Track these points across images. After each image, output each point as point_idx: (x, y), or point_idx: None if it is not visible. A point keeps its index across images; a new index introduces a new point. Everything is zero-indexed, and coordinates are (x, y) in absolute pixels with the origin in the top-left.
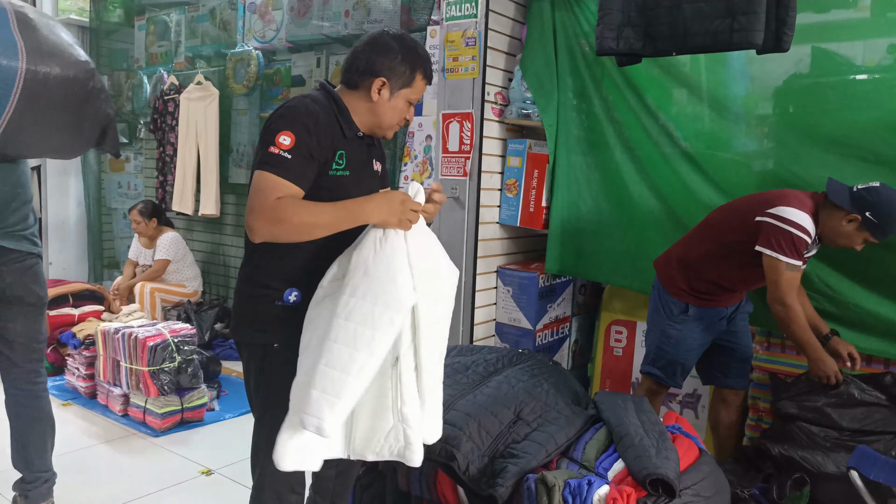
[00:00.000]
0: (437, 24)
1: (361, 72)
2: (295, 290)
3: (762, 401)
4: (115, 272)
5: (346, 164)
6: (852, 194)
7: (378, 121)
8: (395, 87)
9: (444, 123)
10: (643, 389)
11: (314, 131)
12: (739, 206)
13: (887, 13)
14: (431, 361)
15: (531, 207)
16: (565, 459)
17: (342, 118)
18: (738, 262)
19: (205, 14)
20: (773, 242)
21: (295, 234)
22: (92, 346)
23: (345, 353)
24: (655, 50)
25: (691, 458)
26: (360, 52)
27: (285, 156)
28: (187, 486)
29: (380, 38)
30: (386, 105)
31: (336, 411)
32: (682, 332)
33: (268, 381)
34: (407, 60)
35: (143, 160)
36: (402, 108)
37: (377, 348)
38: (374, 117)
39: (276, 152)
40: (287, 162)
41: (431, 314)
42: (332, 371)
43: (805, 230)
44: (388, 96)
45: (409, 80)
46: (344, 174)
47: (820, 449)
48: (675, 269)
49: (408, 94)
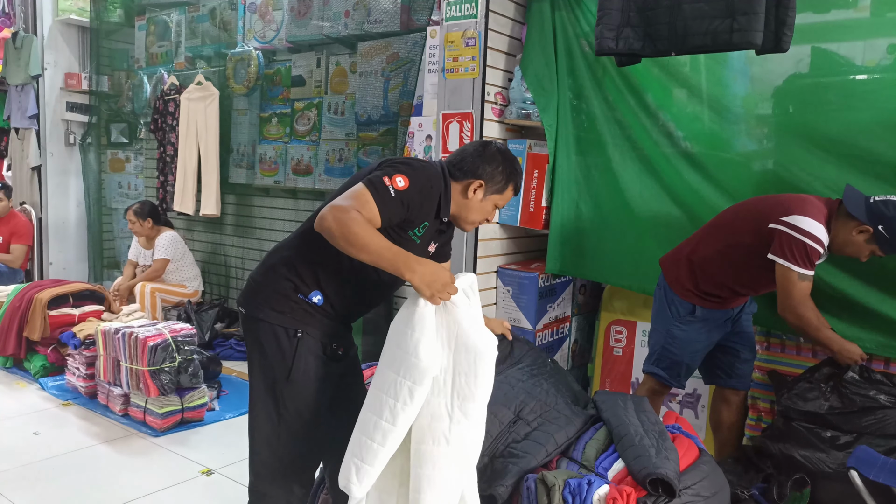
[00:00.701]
0: (437, 24)
1: (466, 171)
2: (320, 294)
3: (762, 401)
4: (115, 272)
5: (422, 238)
6: (868, 205)
7: (465, 215)
8: (489, 192)
9: (444, 123)
10: (645, 389)
11: (424, 196)
12: (752, 208)
13: (887, 13)
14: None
15: (531, 207)
16: (565, 459)
17: (444, 202)
18: (747, 265)
19: (205, 14)
20: (787, 252)
21: (345, 240)
22: (92, 345)
23: (371, 420)
24: (655, 50)
25: (691, 458)
26: (469, 155)
27: (391, 191)
28: (187, 486)
29: (490, 147)
30: (477, 204)
31: (363, 475)
32: (688, 333)
33: (291, 366)
34: (505, 172)
35: (143, 160)
36: (489, 209)
37: (399, 418)
38: (462, 211)
39: (386, 184)
40: (388, 197)
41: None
42: (360, 436)
43: (819, 241)
44: (480, 197)
45: (502, 189)
46: (414, 240)
47: (821, 448)
48: (683, 269)
49: (496, 200)
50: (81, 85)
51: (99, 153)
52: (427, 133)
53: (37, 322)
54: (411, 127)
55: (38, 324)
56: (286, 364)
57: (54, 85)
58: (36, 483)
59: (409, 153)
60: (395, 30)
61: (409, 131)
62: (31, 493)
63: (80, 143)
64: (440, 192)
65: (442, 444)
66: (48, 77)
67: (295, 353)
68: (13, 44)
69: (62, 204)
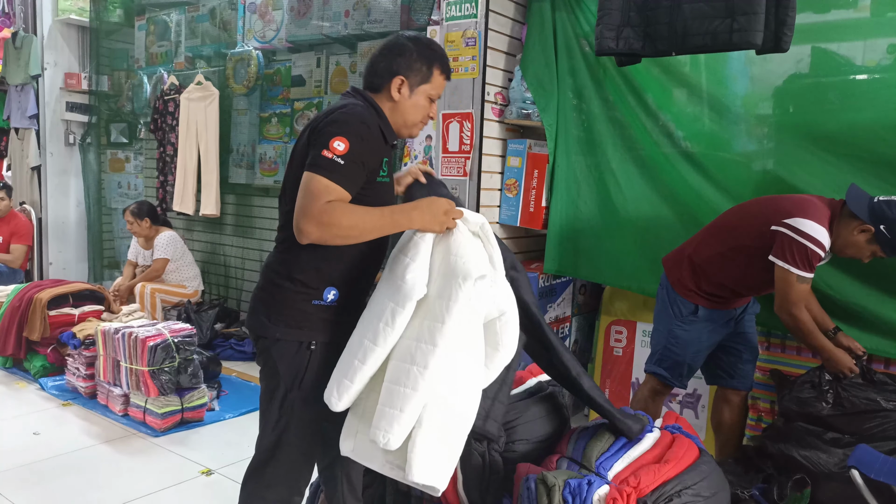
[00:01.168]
0: (437, 24)
1: (381, 74)
2: (333, 289)
3: (762, 401)
4: (115, 272)
5: (389, 171)
6: (871, 205)
7: (402, 119)
8: (414, 84)
9: (444, 123)
10: (647, 389)
11: (367, 139)
12: (754, 210)
13: (887, 13)
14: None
15: (531, 207)
16: (565, 459)
17: (383, 125)
18: (749, 266)
19: (205, 14)
20: (787, 254)
21: (342, 237)
22: (92, 346)
23: (357, 339)
24: (655, 50)
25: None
26: (378, 57)
27: (338, 161)
28: (187, 486)
29: (395, 40)
30: (407, 103)
31: (342, 390)
32: (691, 333)
33: (303, 377)
34: (423, 57)
35: (143, 160)
36: (424, 104)
37: (379, 338)
38: (398, 117)
39: (329, 157)
40: (340, 167)
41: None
42: (346, 355)
43: (820, 244)
44: (408, 93)
45: (428, 76)
46: (385, 181)
47: (821, 449)
48: (685, 269)
49: (427, 91)
50: (81, 85)
51: (99, 153)
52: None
53: (37, 322)
54: None
55: (37, 324)
56: (299, 376)
57: (54, 85)
58: (36, 483)
59: (409, 153)
60: (395, 29)
61: None
62: (31, 493)
63: (80, 143)
64: (376, 122)
65: (407, 361)
66: (48, 77)
67: (307, 366)
68: (13, 44)
69: (62, 204)
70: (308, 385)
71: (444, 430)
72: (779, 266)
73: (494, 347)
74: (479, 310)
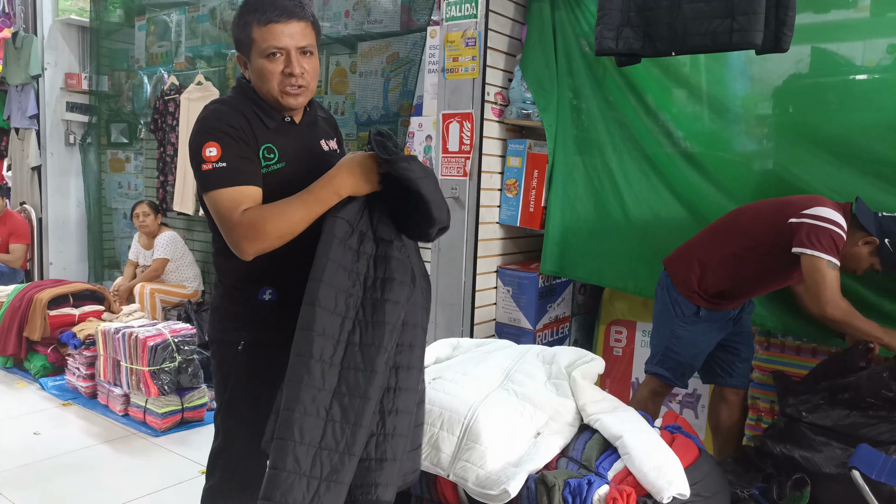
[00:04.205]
0: (437, 24)
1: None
2: (268, 288)
3: (762, 401)
4: (116, 272)
5: (280, 157)
6: (877, 219)
7: (264, 92)
8: (250, 53)
9: (444, 123)
10: (647, 390)
11: (234, 133)
12: (767, 209)
13: (887, 13)
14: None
15: (531, 207)
16: (565, 459)
17: (260, 110)
18: (763, 266)
19: (205, 14)
20: (814, 241)
21: (281, 238)
22: (92, 346)
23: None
24: (655, 50)
25: (691, 458)
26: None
27: (220, 166)
28: (187, 486)
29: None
30: (254, 73)
31: None
32: (694, 334)
33: (234, 378)
34: (240, 23)
35: (143, 160)
36: (267, 67)
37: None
38: (262, 92)
39: (209, 168)
40: (225, 172)
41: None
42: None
43: (842, 227)
44: (251, 65)
45: (250, 40)
46: (279, 167)
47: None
48: (693, 271)
49: (260, 50)
50: (81, 85)
51: (99, 153)
52: (427, 133)
53: (37, 322)
54: (411, 127)
55: (38, 324)
56: (228, 379)
57: (54, 85)
58: (36, 483)
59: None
60: (395, 30)
61: (409, 131)
62: (31, 493)
63: (80, 143)
64: (240, 109)
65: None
66: (48, 77)
67: (233, 367)
68: (13, 44)
69: (62, 204)
70: (237, 388)
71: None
72: (806, 255)
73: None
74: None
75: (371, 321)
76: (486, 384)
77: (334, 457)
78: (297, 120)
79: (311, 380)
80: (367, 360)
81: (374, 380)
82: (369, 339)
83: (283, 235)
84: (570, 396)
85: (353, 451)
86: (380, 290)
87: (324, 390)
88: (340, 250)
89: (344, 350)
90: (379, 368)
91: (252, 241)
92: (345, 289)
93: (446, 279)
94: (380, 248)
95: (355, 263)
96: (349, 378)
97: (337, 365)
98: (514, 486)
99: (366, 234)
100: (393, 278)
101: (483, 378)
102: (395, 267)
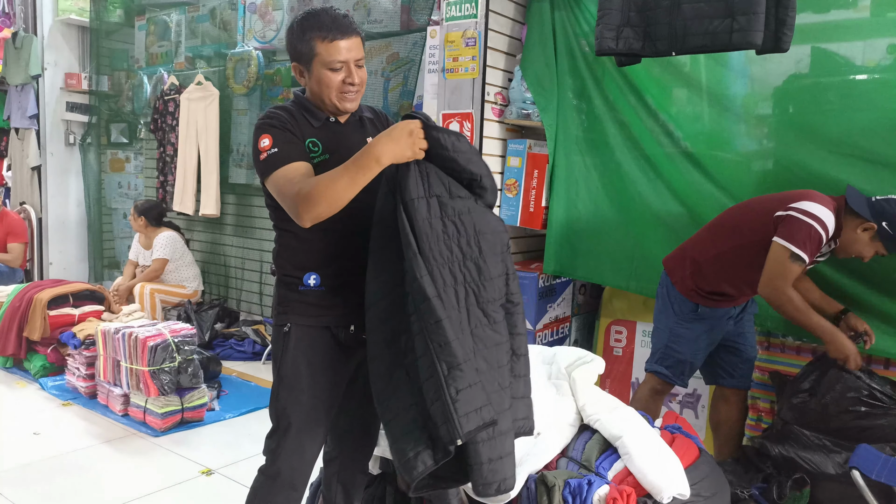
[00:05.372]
0: (437, 24)
1: (293, 61)
2: (313, 273)
3: (762, 401)
4: (115, 272)
5: (324, 149)
6: (870, 203)
7: (319, 98)
8: (309, 65)
9: (444, 124)
10: (647, 388)
11: (281, 125)
12: (757, 205)
13: (887, 13)
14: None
15: (531, 207)
16: (565, 459)
17: (306, 111)
18: (752, 263)
19: (205, 14)
20: (788, 233)
21: (331, 204)
22: (92, 346)
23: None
24: (655, 50)
25: (691, 458)
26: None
27: (273, 151)
28: (187, 486)
29: (288, 26)
30: (313, 82)
31: None
32: (693, 332)
33: (280, 359)
34: (301, 35)
35: (143, 160)
36: (328, 77)
37: None
38: (315, 97)
39: (264, 156)
40: (278, 154)
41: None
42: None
43: (824, 225)
44: (308, 76)
45: (312, 53)
46: (324, 158)
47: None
48: (688, 269)
49: (325, 62)
50: (81, 85)
51: (99, 153)
52: None
53: (37, 322)
54: None
55: (38, 324)
56: (278, 360)
57: (54, 85)
58: (36, 483)
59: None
60: (395, 30)
61: None
62: (31, 493)
63: (80, 143)
64: (290, 111)
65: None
66: (48, 77)
67: (283, 348)
68: (13, 44)
69: (62, 204)
70: (287, 367)
71: None
72: (775, 243)
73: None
74: None
75: (479, 280)
76: None
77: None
78: (343, 120)
79: (461, 350)
80: (490, 315)
81: (499, 328)
82: (485, 297)
83: (332, 201)
84: (570, 396)
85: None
86: (476, 248)
87: (469, 357)
88: (427, 228)
89: (468, 313)
90: (499, 318)
91: (307, 207)
92: (446, 259)
93: None
94: (458, 204)
95: (444, 232)
96: (481, 334)
97: (467, 329)
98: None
99: (442, 197)
100: (483, 231)
101: None
102: (477, 219)
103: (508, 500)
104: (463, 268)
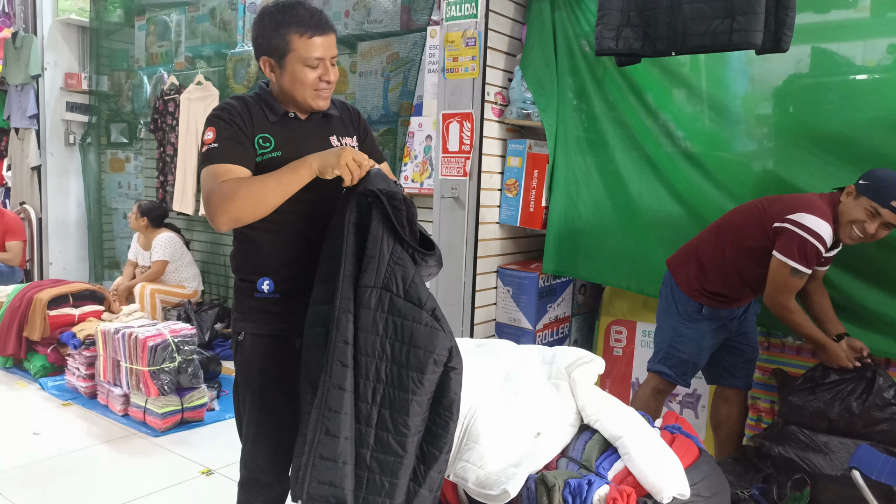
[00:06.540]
0: (437, 24)
1: (256, 56)
2: (266, 279)
3: (762, 401)
4: (116, 272)
5: (276, 146)
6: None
7: (290, 95)
8: (282, 59)
9: (443, 123)
10: (649, 388)
11: (230, 119)
12: (757, 209)
13: (887, 13)
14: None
15: (531, 207)
16: (565, 459)
17: (264, 104)
18: (753, 266)
19: (205, 14)
20: (787, 248)
21: (250, 207)
22: (92, 346)
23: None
24: (655, 50)
25: (691, 459)
26: (252, 37)
27: (213, 146)
28: (187, 486)
29: (258, 15)
30: (285, 78)
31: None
32: (696, 332)
33: (237, 368)
34: (273, 28)
35: (143, 160)
36: (304, 74)
37: None
38: (284, 94)
39: (205, 149)
40: (215, 150)
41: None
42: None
43: (822, 240)
44: (279, 71)
45: (287, 46)
46: (274, 155)
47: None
48: (692, 269)
49: (300, 58)
50: (81, 85)
51: (99, 153)
52: (427, 133)
53: (37, 322)
54: (411, 127)
55: (38, 324)
56: (236, 366)
57: (54, 85)
58: (36, 483)
59: (409, 154)
60: (395, 30)
61: (409, 131)
62: (31, 493)
63: (80, 143)
64: (246, 103)
65: None
66: (48, 77)
67: (240, 356)
68: (13, 44)
69: (62, 204)
70: (240, 375)
71: None
72: (776, 258)
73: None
74: None
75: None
76: (485, 385)
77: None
78: (304, 117)
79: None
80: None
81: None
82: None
83: (255, 204)
84: (570, 396)
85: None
86: (404, 357)
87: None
88: (369, 320)
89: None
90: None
91: (222, 207)
92: (376, 356)
93: (446, 279)
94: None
95: (384, 330)
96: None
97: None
98: (513, 487)
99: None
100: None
101: (483, 378)
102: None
103: (509, 499)
104: (387, 370)
